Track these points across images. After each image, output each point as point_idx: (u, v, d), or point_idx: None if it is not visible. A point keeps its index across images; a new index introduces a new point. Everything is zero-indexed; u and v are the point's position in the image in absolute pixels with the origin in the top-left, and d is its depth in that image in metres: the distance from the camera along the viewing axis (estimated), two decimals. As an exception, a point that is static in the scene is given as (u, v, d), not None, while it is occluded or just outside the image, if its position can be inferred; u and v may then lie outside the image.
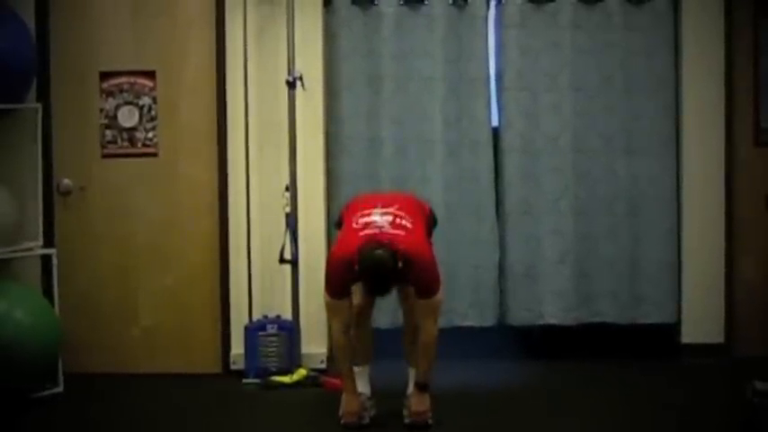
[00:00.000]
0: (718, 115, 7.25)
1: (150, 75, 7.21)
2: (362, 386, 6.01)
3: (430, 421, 5.78)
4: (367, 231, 5.60)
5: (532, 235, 7.33)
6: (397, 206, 5.80)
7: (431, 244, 5.93)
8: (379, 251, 5.42)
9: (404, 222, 5.68)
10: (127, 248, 7.25)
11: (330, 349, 6.62)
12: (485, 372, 6.99)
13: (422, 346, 5.77)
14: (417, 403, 5.79)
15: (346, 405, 5.83)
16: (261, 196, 7.11)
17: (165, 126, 7.21)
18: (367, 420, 5.93)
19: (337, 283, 5.68)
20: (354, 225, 5.72)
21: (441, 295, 5.80)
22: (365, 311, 6.00)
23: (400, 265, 5.41)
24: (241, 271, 7.14)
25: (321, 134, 7.21)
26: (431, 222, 6.15)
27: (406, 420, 5.89)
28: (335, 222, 6.29)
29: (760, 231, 7.11)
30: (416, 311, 5.80)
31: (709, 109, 7.27)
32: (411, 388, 5.94)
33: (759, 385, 5.66)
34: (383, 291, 5.58)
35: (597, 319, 7.38)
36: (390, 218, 5.67)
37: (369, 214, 5.73)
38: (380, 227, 5.61)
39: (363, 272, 5.43)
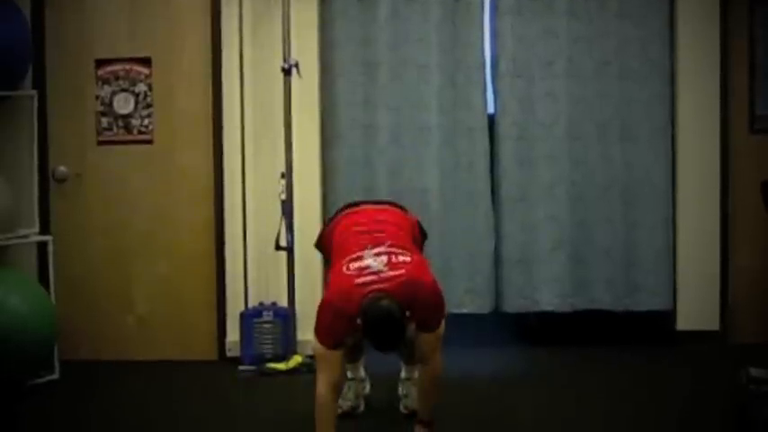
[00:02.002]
0: (714, 102, 7.25)
1: (146, 62, 7.21)
2: (357, 373, 5.98)
3: None
4: (363, 279, 4.95)
5: (528, 222, 7.33)
6: (389, 242, 5.16)
7: (429, 270, 5.27)
8: (385, 303, 4.82)
9: (401, 258, 5.06)
10: (122, 235, 7.26)
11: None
12: (481, 359, 7.00)
13: (429, 380, 5.26)
14: None
15: None
16: (256, 183, 7.12)
17: (161, 113, 7.21)
18: (362, 408, 5.94)
19: (329, 333, 5.03)
20: (346, 271, 5.04)
21: (443, 326, 5.20)
22: None
23: (407, 314, 4.85)
24: (237, 258, 7.15)
25: (317, 121, 7.21)
26: (421, 239, 5.74)
27: (403, 410, 5.88)
28: (315, 242, 5.90)
29: (755, 218, 7.10)
30: (420, 346, 5.20)
31: (705, 96, 7.27)
32: (404, 373, 5.90)
33: (754, 371, 5.67)
34: (394, 345, 4.96)
35: (593, 306, 7.38)
36: (385, 258, 5.04)
37: (360, 258, 5.07)
38: (378, 271, 4.97)
39: (370, 329, 4.84)
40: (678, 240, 7.34)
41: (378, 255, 5.06)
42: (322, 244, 5.79)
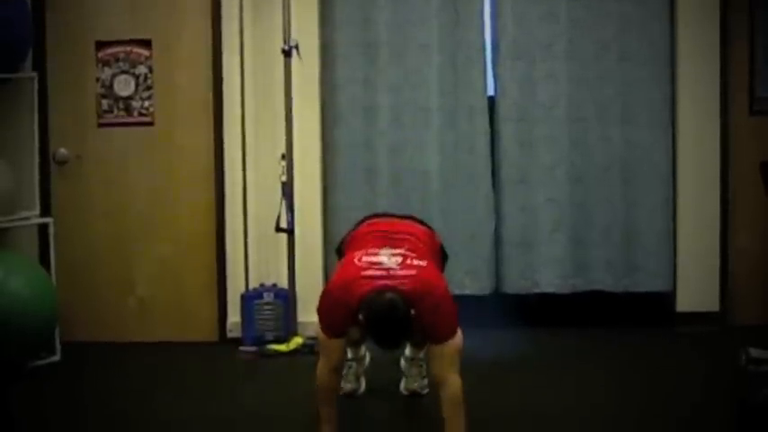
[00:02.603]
0: (713, 84, 7.25)
1: (146, 44, 7.20)
2: (357, 353, 5.92)
3: None
4: (371, 272, 4.70)
5: (528, 203, 7.34)
6: (406, 246, 4.94)
7: (444, 279, 5.00)
8: (389, 296, 4.53)
9: (415, 262, 4.79)
10: (123, 217, 7.27)
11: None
12: (481, 340, 6.93)
13: (449, 405, 4.71)
14: None
15: None
16: (257, 165, 7.13)
17: (162, 95, 7.21)
18: (363, 389, 5.95)
19: (328, 322, 4.84)
20: (357, 261, 4.82)
21: (459, 338, 4.80)
22: None
23: (413, 312, 4.52)
24: (237, 239, 7.16)
25: (317, 102, 7.22)
26: (442, 257, 5.47)
27: (403, 391, 5.90)
28: (336, 249, 5.62)
29: (755, 200, 7.09)
30: (433, 364, 4.83)
31: (704, 78, 7.26)
32: (408, 352, 5.83)
33: (753, 352, 5.69)
34: (397, 342, 4.73)
35: (593, 288, 7.40)
36: (400, 258, 4.78)
37: (375, 254, 4.84)
38: (388, 268, 4.71)
39: (372, 324, 4.55)
40: (678, 221, 7.35)
41: (393, 255, 4.81)
42: (342, 250, 5.42)
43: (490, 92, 7.37)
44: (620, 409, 5.66)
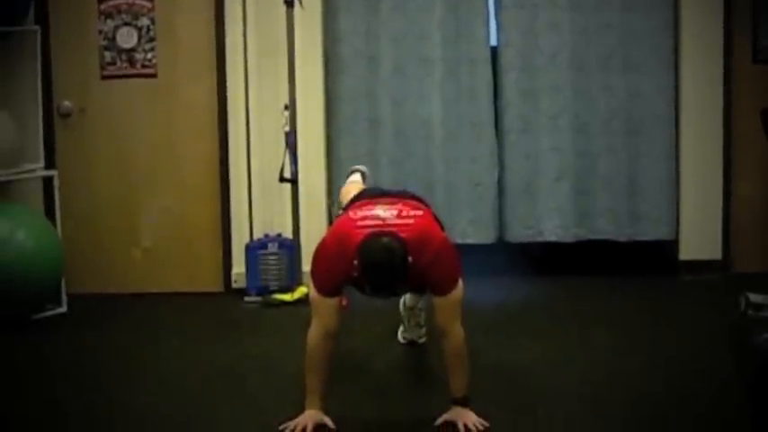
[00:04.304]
0: (717, 32, 7.24)
1: (148, -5, 7.22)
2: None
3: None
4: (367, 222, 4.58)
5: (531, 152, 7.35)
6: (401, 204, 4.77)
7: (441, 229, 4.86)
8: (385, 239, 4.42)
9: (411, 212, 4.68)
10: (127, 169, 7.28)
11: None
12: (485, 288, 6.99)
13: (452, 355, 4.69)
14: (468, 422, 4.66)
15: (300, 417, 4.69)
16: (260, 115, 7.13)
17: (164, 47, 7.21)
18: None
19: (325, 277, 4.65)
20: (351, 215, 4.72)
21: (461, 290, 4.68)
22: None
23: (410, 259, 4.40)
24: (241, 190, 7.18)
25: (320, 53, 7.22)
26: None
27: (401, 340, 5.93)
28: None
29: (757, 148, 7.11)
30: (436, 315, 4.72)
31: (708, 26, 7.25)
32: (409, 300, 5.78)
33: (753, 297, 5.72)
34: (392, 287, 4.55)
35: (596, 237, 7.42)
36: (396, 211, 4.66)
37: (370, 208, 4.73)
38: (384, 219, 4.59)
39: (367, 267, 4.40)
40: (681, 170, 7.36)
41: (390, 209, 4.68)
42: None
43: (493, 41, 7.37)
44: (622, 356, 5.69)
